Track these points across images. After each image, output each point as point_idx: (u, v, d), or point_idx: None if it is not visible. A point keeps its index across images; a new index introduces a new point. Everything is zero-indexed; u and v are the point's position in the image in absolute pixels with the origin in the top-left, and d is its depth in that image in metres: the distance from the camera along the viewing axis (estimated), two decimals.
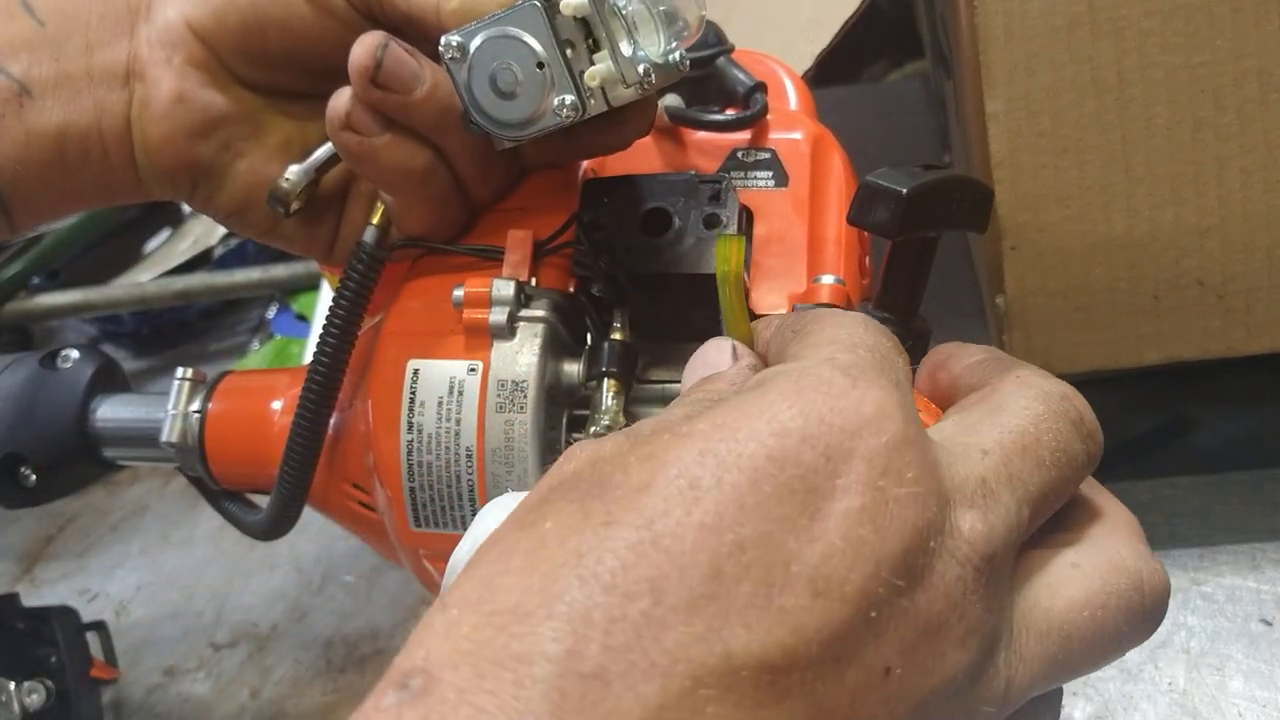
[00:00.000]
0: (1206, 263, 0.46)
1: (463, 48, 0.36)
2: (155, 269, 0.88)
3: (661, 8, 0.35)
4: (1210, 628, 0.48)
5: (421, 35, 0.37)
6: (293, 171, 0.41)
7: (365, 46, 0.36)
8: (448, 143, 0.38)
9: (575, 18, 0.34)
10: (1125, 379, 0.50)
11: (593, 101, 0.35)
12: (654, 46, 0.35)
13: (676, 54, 0.36)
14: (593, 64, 0.35)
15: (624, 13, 0.34)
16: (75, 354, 0.51)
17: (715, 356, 0.30)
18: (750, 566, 0.21)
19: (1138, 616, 0.26)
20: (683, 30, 0.36)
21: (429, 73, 0.37)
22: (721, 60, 0.45)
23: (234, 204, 0.42)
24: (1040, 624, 0.25)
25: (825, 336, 0.26)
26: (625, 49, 0.34)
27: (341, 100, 0.37)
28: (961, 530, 0.23)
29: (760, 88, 0.44)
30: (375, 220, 0.40)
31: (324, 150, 0.41)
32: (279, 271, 0.84)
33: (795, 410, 0.23)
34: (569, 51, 0.35)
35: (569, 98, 0.35)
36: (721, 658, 0.20)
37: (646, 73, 0.35)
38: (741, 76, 0.45)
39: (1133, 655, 0.48)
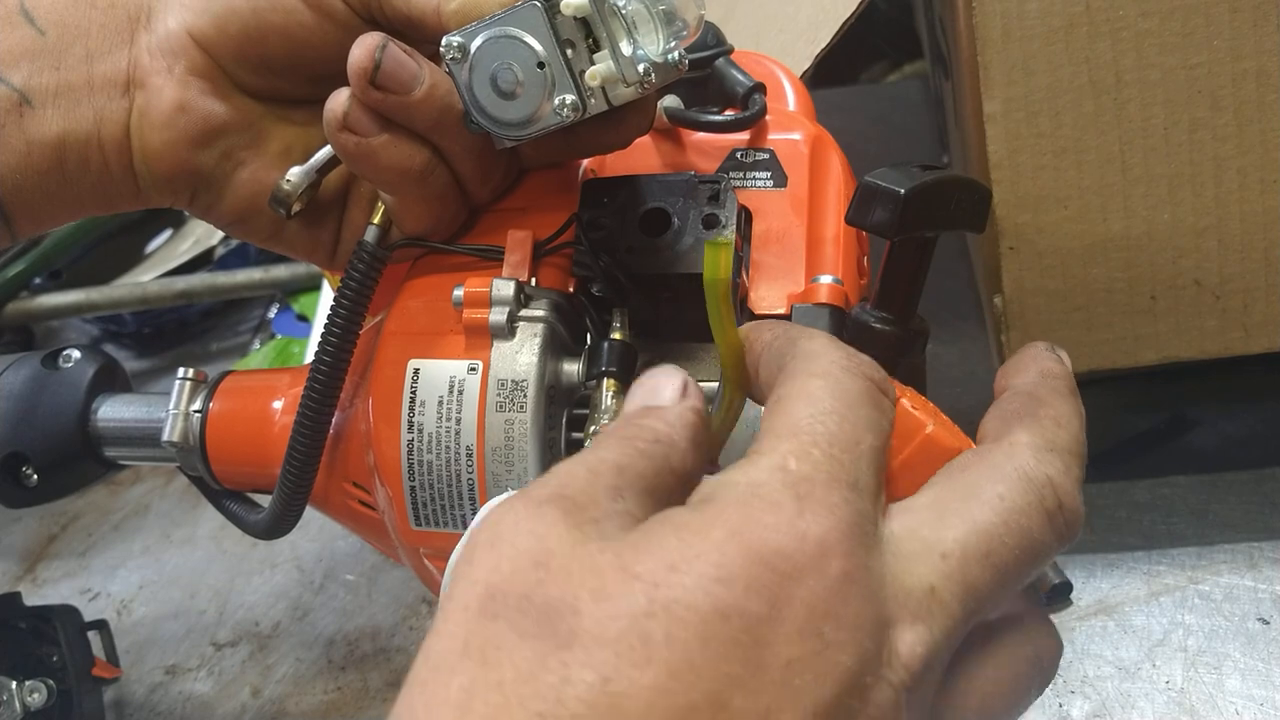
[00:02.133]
0: (1204, 263, 0.47)
1: (463, 48, 0.36)
2: (157, 269, 0.88)
3: (661, 7, 0.35)
4: (1208, 626, 0.48)
5: (422, 37, 0.38)
6: (294, 173, 0.41)
7: (364, 47, 0.36)
8: (447, 142, 0.39)
9: (575, 18, 0.34)
10: (1123, 379, 0.50)
11: (593, 101, 0.36)
12: (653, 46, 0.35)
13: (675, 53, 0.37)
14: (593, 64, 0.35)
15: (623, 13, 0.35)
16: (77, 354, 0.51)
17: (663, 384, 0.29)
18: None
19: (1037, 680, 0.29)
20: (682, 30, 0.36)
21: (427, 73, 0.37)
22: (720, 61, 0.45)
23: (235, 212, 0.42)
24: (958, 704, 0.27)
25: (788, 423, 0.26)
26: (625, 48, 0.35)
27: (339, 101, 0.37)
28: (899, 654, 0.24)
29: (759, 89, 0.44)
30: (375, 220, 0.40)
31: (324, 152, 0.41)
32: (280, 272, 0.85)
33: (740, 553, 0.23)
34: (569, 51, 0.35)
35: (569, 97, 0.35)
36: None
37: (646, 72, 0.35)
38: (740, 77, 0.45)
39: (1131, 654, 0.48)
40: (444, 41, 0.36)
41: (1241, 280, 0.47)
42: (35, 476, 0.49)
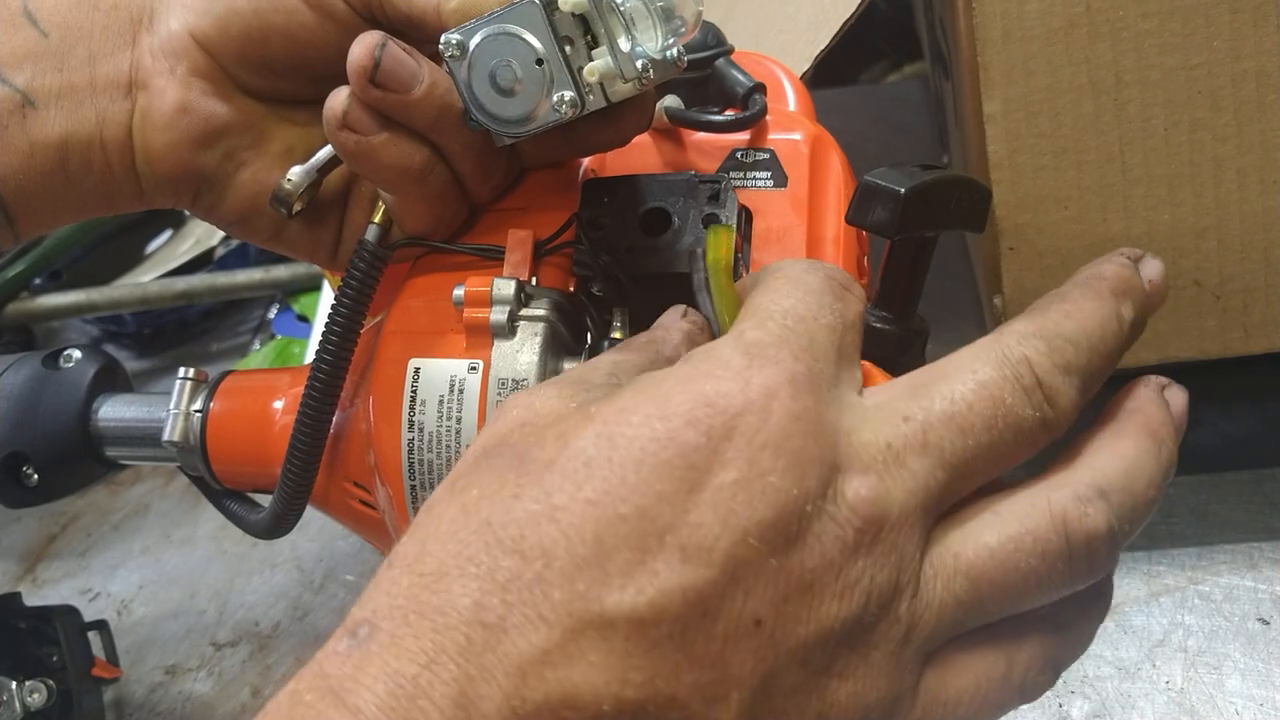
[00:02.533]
0: (1204, 263, 0.47)
1: (462, 45, 0.36)
2: (157, 269, 0.88)
3: (659, 4, 0.35)
4: (1208, 627, 0.48)
5: (422, 36, 0.38)
6: (295, 172, 0.41)
7: (364, 46, 0.36)
8: (446, 141, 0.39)
9: (574, 15, 0.35)
10: (1124, 379, 0.50)
11: (591, 97, 0.36)
12: (651, 43, 0.35)
13: (674, 50, 0.37)
14: (591, 60, 0.35)
15: (622, 9, 0.35)
16: (77, 354, 0.51)
17: (666, 316, 0.34)
18: (628, 537, 0.24)
19: (1058, 559, 0.27)
20: (680, 27, 0.36)
21: (427, 71, 0.37)
22: (720, 61, 0.45)
23: (237, 213, 0.42)
24: (947, 569, 0.27)
25: (754, 304, 0.29)
26: (623, 45, 0.35)
27: (339, 99, 0.37)
28: (844, 495, 0.26)
29: (759, 89, 0.44)
30: (376, 219, 0.40)
31: (325, 152, 0.41)
32: (280, 272, 0.85)
33: (685, 395, 0.26)
34: (568, 48, 0.35)
35: (568, 94, 0.36)
36: (597, 614, 0.24)
37: (645, 68, 0.35)
38: (740, 77, 0.45)
39: (1130, 653, 0.48)
40: (443, 39, 0.36)
41: (1241, 280, 0.47)
42: (35, 476, 0.49)
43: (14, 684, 0.53)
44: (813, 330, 0.28)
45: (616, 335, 0.39)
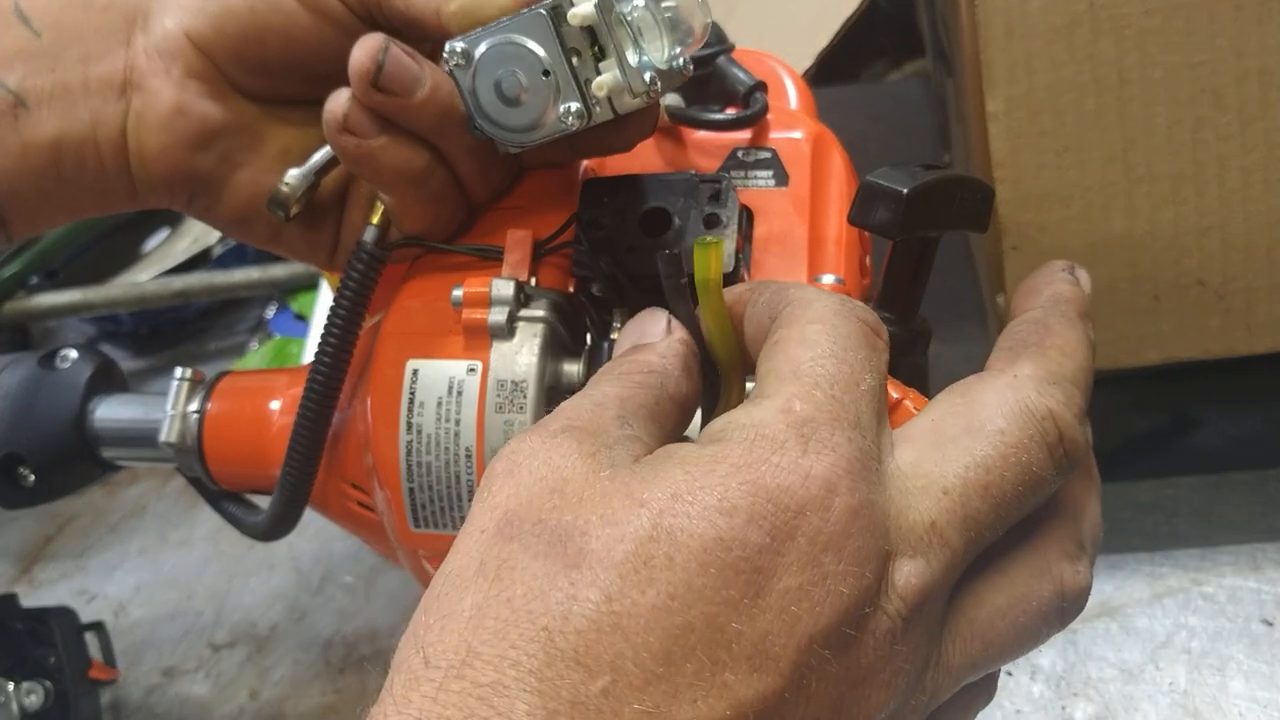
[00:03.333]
0: (1207, 262, 0.46)
1: (467, 54, 0.35)
2: (154, 268, 0.88)
3: (667, 15, 0.35)
4: (1211, 628, 0.48)
5: (420, 37, 0.37)
6: (292, 175, 0.40)
7: (366, 49, 0.36)
8: (447, 143, 0.38)
9: (581, 27, 0.34)
10: (1126, 379, 0.50)
11: (598, 109, 0.35)
12: (659, 53, 0.35)
13: (681, 59, 0.36)
14: (599, 73, 0.35)
15: (629, 20, 0.34)
16: (73, 354, 0.50)
17: (649, 326, 0.32)
18: (696, 647, 0.23)
19: (1054, 617, 0.28)
20: (687, 37, 0.36)
21: (429, 75, 0.37)
22: (722, 59, 0.45)
23: (233, 214, 0.42)
24: (965, 633, 0.27)
25: (790, 365, 0.27)
26: (631, 58, 0.34)
27: (339, 103, 0.37)
28: (896, 585, 0.25)
29: (760, 87, 0.44)
30: (374, 220, 0.40)
31: (323, 153, 0.41)
32: (278, 271, 0.84)
33: (745, 487, 0.24)
34: (575, 60, 0.35)
35: (575, 105, 0.35)
36: None
37: (652, 80, 0.35)
38: (742, 75, 0.44)
39: (1134, 656, 0.48)
40: (447, 47, 0.36)
41: (1245, 279, 0.46)
42: (32, 477, 0.49)
43: (11, 686, 0.53)
44: (858, 401, 0.27)
45: (616, 336, 0.39)
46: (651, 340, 0.31)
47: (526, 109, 0.36)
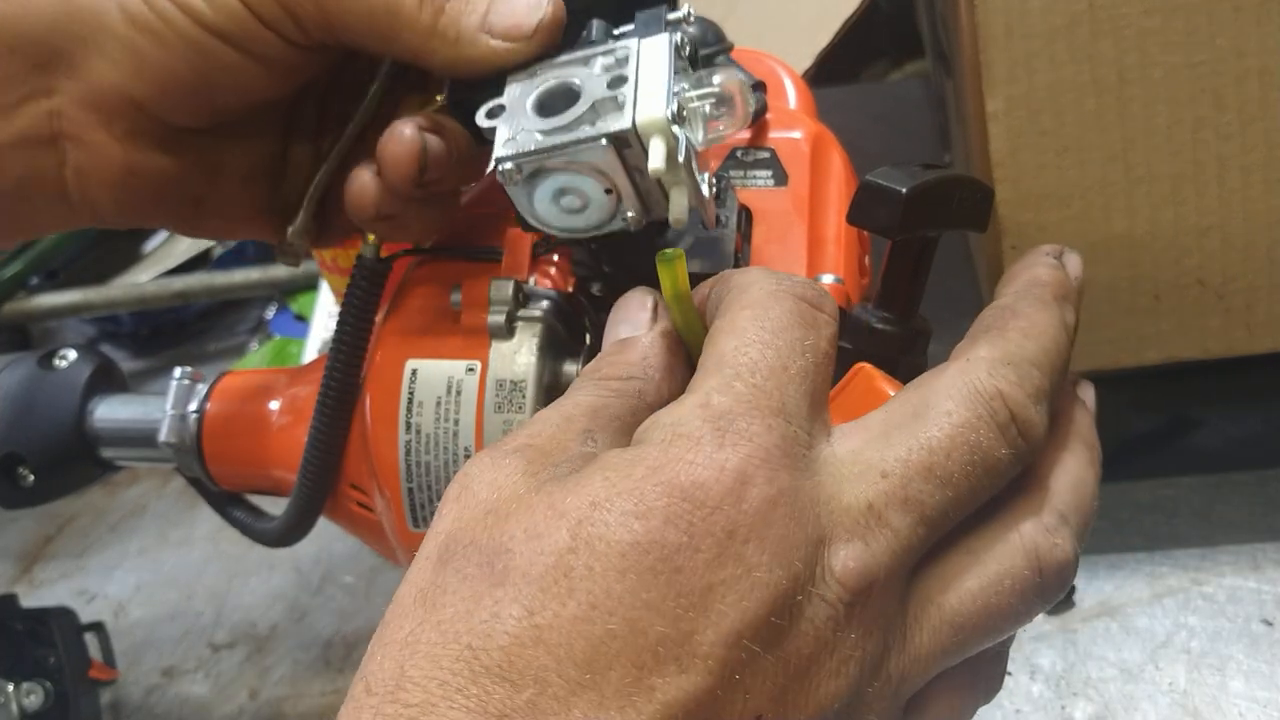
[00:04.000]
0: (1207, 262, 0.46)
1: (521, 169, 0.33)
2: (154, 269, 0.88)
3: (712, 101, 0.34)
4: (1211, 628, 0.48)
5: (382, 55, 0.36)
6: (293, 233, 0.40)
7: (404, 147, 0.34)
8: (456, 182, 0.38)
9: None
10: (1126, 379, 0.50)
11: (656, 210, 0.34)
12: (698, 134, 0.34)
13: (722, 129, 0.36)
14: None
15: (696, 149, 0.33)
16: (73, 354, 0.50)
17: (635, 311, 0.32)
18: (620, 654, 0.23)
19: (1033, 594, 0.27)
20: (731, 114, 0.35)
21: (454, 144, 0.36)
22: (721, 59, 0.45)
23: (221, 231, 0.42)
24: (932, 620, 0.26)
25: (714, 357, 0.27)
26: (700, 184, 0.33)
27: (368, 193, 0.36)
28: (833, 570, 0.25)
29: (760, 86, 0.44)
30: (371, 238, 0.40)
31: (313, 190, 0.40)
32: (278, 271, 0.84)
33: (660, 489, 0.24)
34: (638, 176, 0.33)
35: (633, 213, 0.34)
36: None
37: (711, 182, 0.34)
38: (741, 76, 0.44)
39: (1134, 655, 0.48)
40: (502, 168, 0.33)
41: (1245, 279, 0.46)
42: (31, 477, 0.49)
43: (11, 686, 0.53)
44: (783, 385, 0.26)
45: None
46: (636, 331, 0.31)
47: (585, 216, 0.34)
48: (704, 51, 0.44)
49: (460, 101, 0.36)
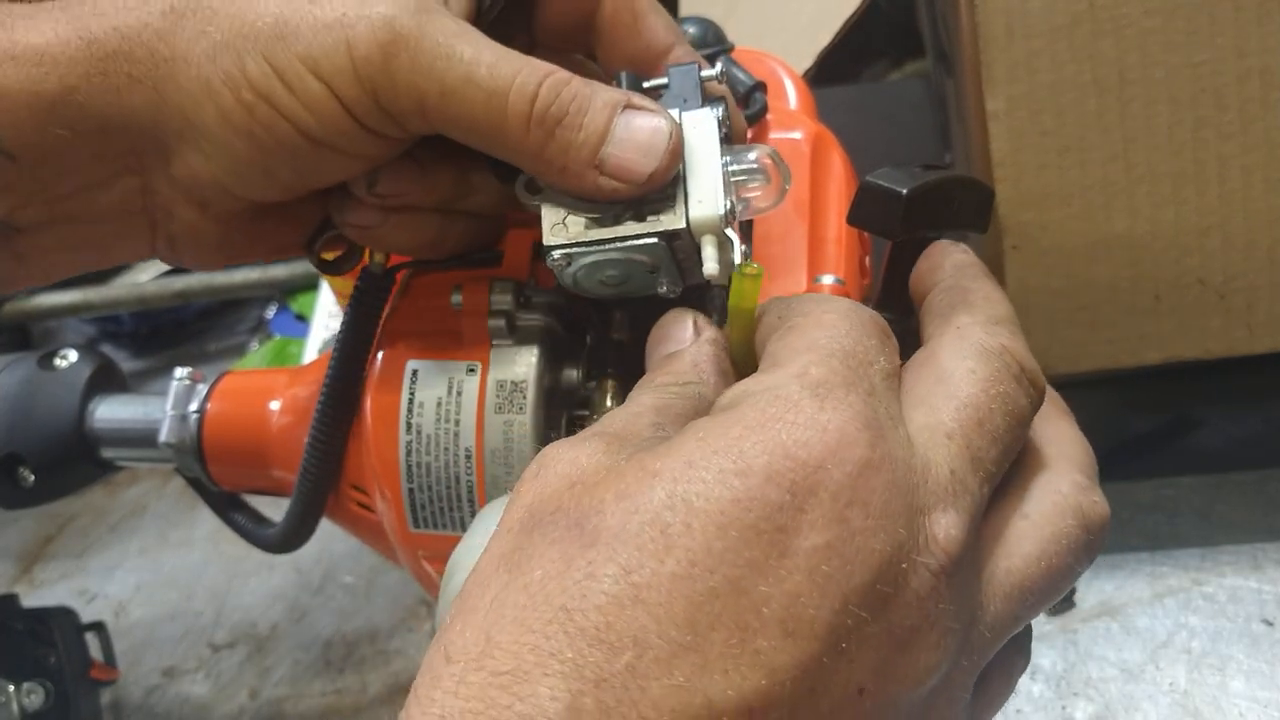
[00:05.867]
0: (1208, 262, 0.46)
1: (573, 261, 0.33)
2: (154, 269, 0.88)
3: (745, 175, 0.34)
4: (1212, 628, 0.48)
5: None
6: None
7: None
8: (460, 205, 0.37)
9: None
10: (1126, 378, 0.50)
11: (693, 279, 0.34)
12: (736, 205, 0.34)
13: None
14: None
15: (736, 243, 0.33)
16: (73, 354, 0.50)
17: (676, 331, 0.31)
18: (723, 614, 0.22)
19: (1083, 551, 0.28)
20: (766, 191, 0.35)
21: (416, 162, 0.35)
22: (721, 59, 0.45)
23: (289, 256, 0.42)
24: (1004, 587, 0.26)
25: (805, 341, 0.27)
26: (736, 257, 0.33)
27: (343, 204, 0.36)
28: (936, 539, 0.24)
29: (760, 87, 0.44)
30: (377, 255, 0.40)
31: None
32: (278, 271, 0.84)
33: (760, 446, 0.23)
34: (683, 259, 0.33)
35: (672, 283, 0.34)
36: (703, 705, 0.22)
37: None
38: (741, 75, 0.44)
39: (1134, 655, 0.48)
40: (550, 257, 0.33)
41: (1246, 279, 0.46)
42: (32, 477, 0.49)
43: (11, 686, 0.53)
44: (871, 375, 0.26)
45: (616, 336, 0.39)
46: (680, 345, 0.31)
47: (624, 289, 0.35)
48: (704, 51, 0.44)
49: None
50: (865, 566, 0.23)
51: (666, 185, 0.32)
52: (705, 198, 0.32)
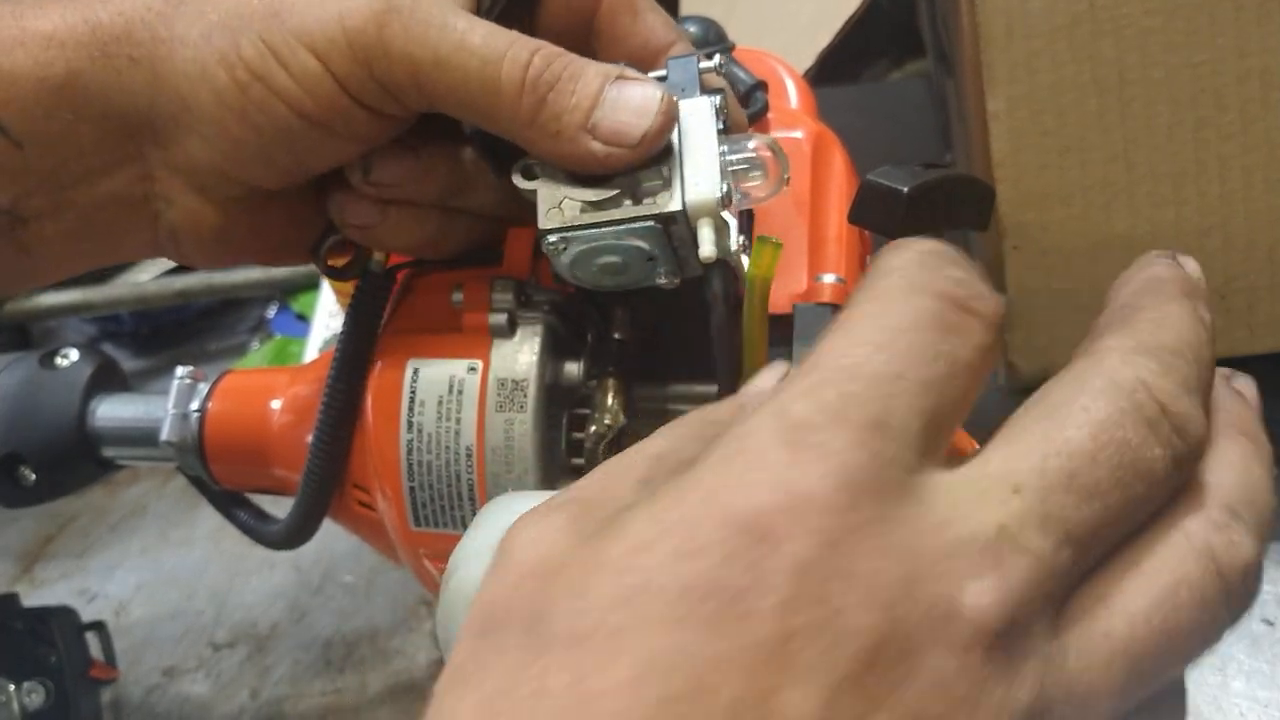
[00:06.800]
0: (1208, 262, 0.46)
1: (568, 245, 0.33)
2: (154, 268, 0.88)
3: (754, 172, 0.34)
4: None
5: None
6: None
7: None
8: (460, 202, 0.37)
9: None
10: None
11: (690, 271, 0.34)
12: (735, 195, 0.34)
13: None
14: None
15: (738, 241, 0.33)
16: (74, 353, 0.50)
17: (765, 381, 0.28)
18: (687, 718, 0.19)
19: (1217, 603, 0.22)
20: (764, 182, 0.35)
21: (423, 161, 0.35)
22: (722, 58, 0.45)
23: (297, 261, 0.41)
24: (1100, 653, 0.22)
25: (814, 358, 0.23)
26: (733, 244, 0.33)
27: (341, 200, 0.36)
28: (960, 610, 0.20)
29: (761, 86, 0.44)
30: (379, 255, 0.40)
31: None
32: (279, 271, 0.84)
33: (715, 518, 0.20)
34: (680, 247, 0.34)
35: (670, 273, 0.34)
36: None
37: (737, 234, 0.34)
38: (742, 75, 0.44)
39: None
40: (545, 241, 0.33)
41: (1246, 279, 0.46)
42: (32, 476, 0.49)
43: (12, 685, 0.53)
44: (890, 395, 0.21)
45: (617, 335, 0.39)
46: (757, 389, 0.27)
47: (624, 278, 0.35)
48: (704, 51, 0.44)
49: (482, 132, 0.36)
50: (854, 649, 0.19)
51: (663, 168, 0.32)
52: (701, 181, 0.32)
